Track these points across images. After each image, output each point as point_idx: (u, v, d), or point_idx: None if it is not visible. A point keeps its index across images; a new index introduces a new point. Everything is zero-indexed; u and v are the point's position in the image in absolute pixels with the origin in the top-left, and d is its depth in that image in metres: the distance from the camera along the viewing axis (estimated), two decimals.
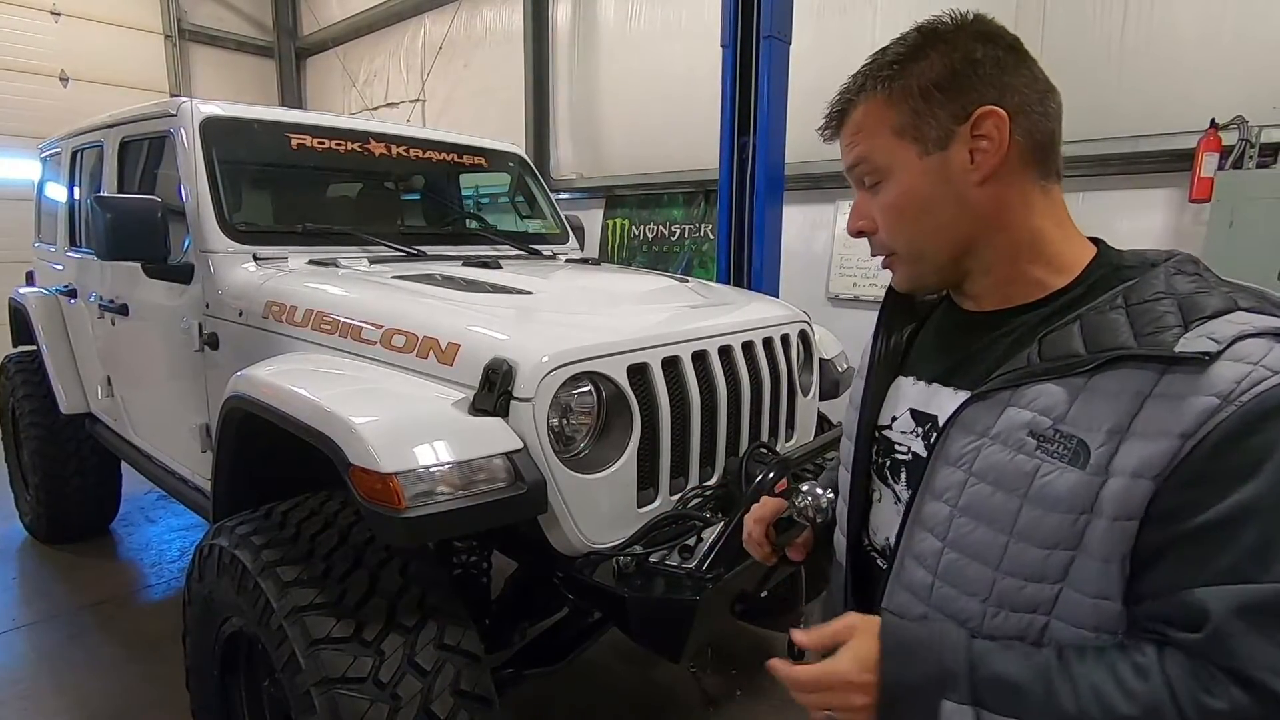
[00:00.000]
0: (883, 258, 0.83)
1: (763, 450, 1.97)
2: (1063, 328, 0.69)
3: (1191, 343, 0.61)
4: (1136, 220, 3.63)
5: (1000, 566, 0.69)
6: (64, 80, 7.51)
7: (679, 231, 5.66)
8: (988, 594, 0.70)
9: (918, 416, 0.82)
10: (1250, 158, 3.19)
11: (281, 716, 1.66)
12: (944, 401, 0.79)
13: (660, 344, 1.77)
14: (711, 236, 5.25)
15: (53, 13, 7.42)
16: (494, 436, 1.48)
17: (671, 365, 1.79)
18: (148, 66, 8.16)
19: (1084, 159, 3.68)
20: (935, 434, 0.77)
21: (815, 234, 4.74)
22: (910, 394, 0.84)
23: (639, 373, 1.71)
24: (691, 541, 1.63)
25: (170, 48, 8.33)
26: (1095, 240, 0.78)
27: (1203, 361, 0.60)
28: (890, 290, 0.90)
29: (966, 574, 0.72)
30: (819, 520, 0.89)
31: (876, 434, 0.88)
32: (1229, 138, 3.22)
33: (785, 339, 2.19)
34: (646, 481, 1.74)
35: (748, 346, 2.02)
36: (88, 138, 3.12)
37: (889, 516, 0.85)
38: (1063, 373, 0.67)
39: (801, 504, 0.89)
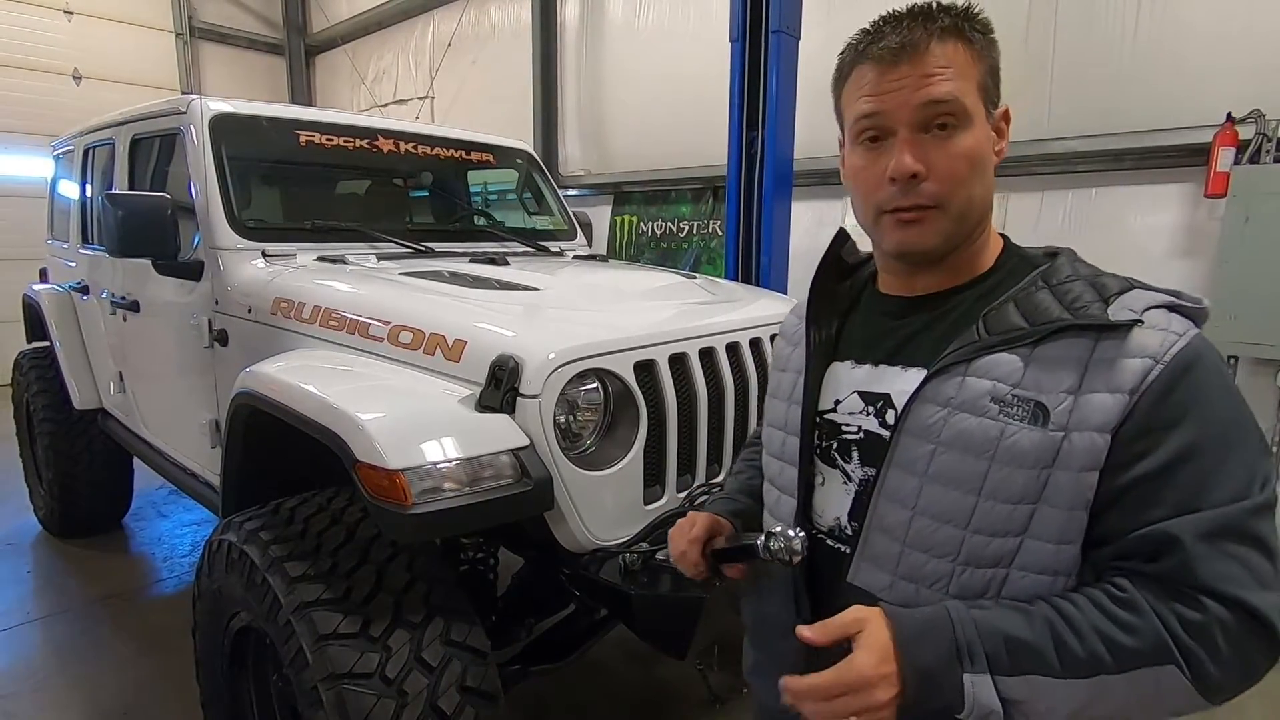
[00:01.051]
0: (908, 212, 0.78)
1: None
2: (1001, 306, 0.77)
3: (1118, 314, 0.71)
4: (1150, 216, 3.59)
5: (969, 526, 0.74)
6: (76, 79, 7.57)
7: (687, 228, 5.64)
8: (957, 553, 0.75)
9: (866, 397, 0.85)
10: (1267, 152, 3.14)
11: (289, 711, 1.67)
12: (894, 380, 0.83)
13: (667, 341, 1.76)
14: (720, 233, 5.23)
15: (65, 12, 7.48)
16: (500, 433, 1.48)
17: (678, 362, 1.78)
18: (159, 64, 8.22)
19: (1097, 154, 3.64)
20: (892, 410, 0.82)
21: (824, 230, 4.71)
22: (852, 377, 0.88)
23: (646, 369, 1.70)
24: None
25: (181, 46, 8.39)
26: (1002, 235, 0.88)
27: (1128, 328, 0.70)
28: (814, 287, 0.95)
29: (936, 538, 0.76)
30: (794, 563, 0.85)
31: (817, 419, 0.90)
32: (1245, 132, 3.17)
33: None
34: (653, 479, 1.74)
35: (755, 343, 2.01)
36: (99, 135, 3.14)
37: (837, 497, 0.88)
38: (1012, 344, 0.74)
39: (776, 547, 0.85)
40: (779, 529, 0.86)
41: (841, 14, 4.45)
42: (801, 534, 0.85)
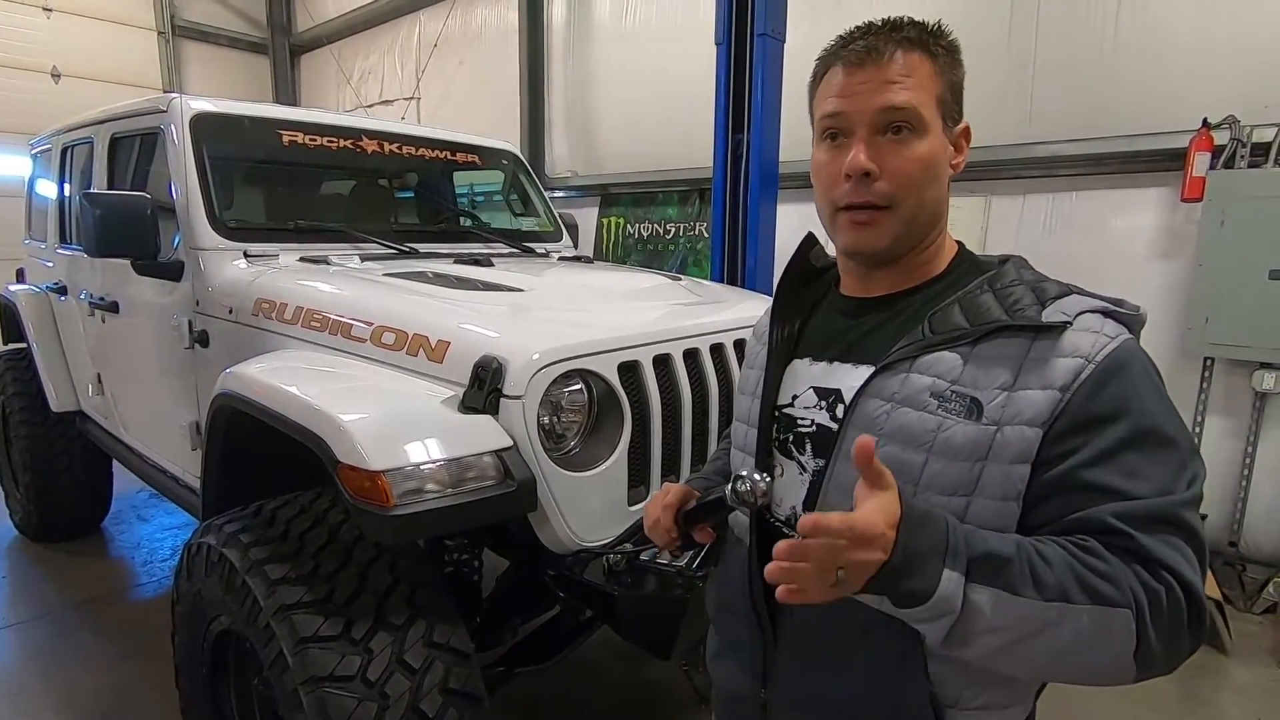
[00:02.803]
0: (859, 210, 0.82)
1: None
2: (946, 307, 0.81)
3: (1052, 316, 0.76)
4: (1130, 219, 3.64)
5: None
6: (55, 76, 7.47)
7: (674, 230, 5.66)
8: None
9: (820, 392, 0.89)
10: (1242, 157, 3.20)
11: (270, 715, 1.65)
12: (845, 376, 0.87)
13: (651, 342, 1.77)
14: (706, 235, 5.24)
15: (44, 9, 7.38)
16: (484, 434, 1.47)
17: (663, 363, 1.78)
18: (140, 63, 8.12)
19: (1079, 158, 3.69)
20: (841, 405, 0.86)
21: (811, 231, 4.74)
22: (809, 373, 0.92)
23: (630, 370, 1.71)
24: None
25: (163, 44, 8.29)
26: (957, 241, 0.92)
27: (1061, 329, 0.74)
28: (780, 287, 1.00)
29: None
30: (760, 504, 0.87)
31: (776, 413, 0.94)
32: (1221, 137, 3.23)
33: None
34: (637, 479, 1.74)
35: (740, 345, 2.02)
36: (78, 134, 3.10)
37: (794, 488, 0.92)
38: (953, 342, 0.78)
39: (743, 489, 0.87)
40: (744, 472, 0.88)
41: (826, 17, 4.48)
42: (766, 477, 0.87)
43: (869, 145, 0.80)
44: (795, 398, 0.92)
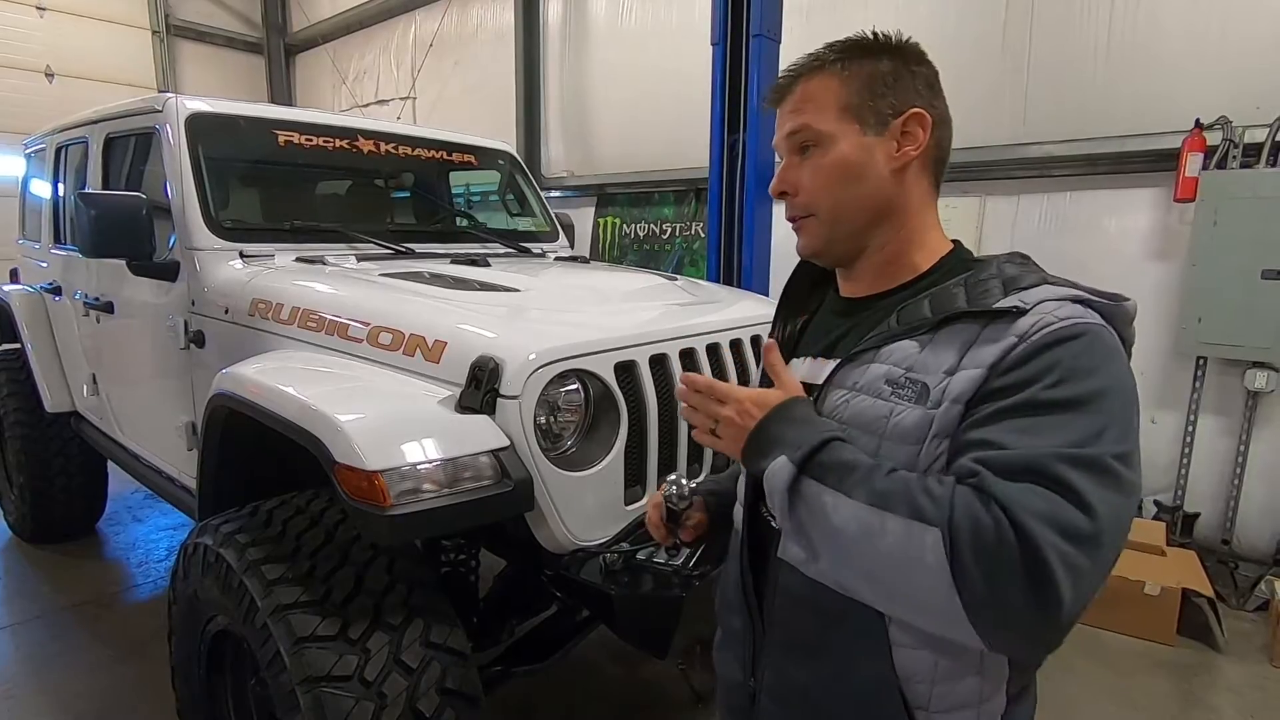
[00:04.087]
0: (795, 221, 0.93)
1: None
2: (917, 301, 0.84)
3: (1006, 302, 0.76)
4: (1123, 219, 3.66)
5: None
6: (49, 76, 7.44)
7: (670, 230, 5.66)
8: None
9: (808, 388, 0.91)
10: (1234, 158, 3.22)
11: (267, 715, 1.65)
12: (823, 371, 0.91)
13: (648, 342, 1.77)
14: (703, 235, 5.25)
15: (38, 8, 7.35)
16: (480, 434, 1.47)
17: (659, 363, 1.79)
18: (134, 62, 8.09)
19: (1073, 158, 3.70)
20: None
21: None
22: (801, 370, 0.96)
23: (626, 370, 1.71)
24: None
25: (157, 43, 8.27)
26: (954, 241, 0.93)
27: (1014, 315, 0.75)
28: (787, 288, 1.05)
29: None
30: (679, 507, 1.07)
31: None
32: (1213, 138, 3.25)
33: None
34: (634, 479, 1.75)
35: (736, 344, 2.03)
36: (73, 134, 3.09)
37: None
38: (913, 332, 0.81)
39: (668, 493, 1.07)
40: (672, 476, 1.06)
41: (821, 17, 4.50)
42: (687, 482, 1.07)
43: (786, 168, 0.92)
44: None
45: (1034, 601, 0.63)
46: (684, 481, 1.07)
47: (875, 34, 0.89)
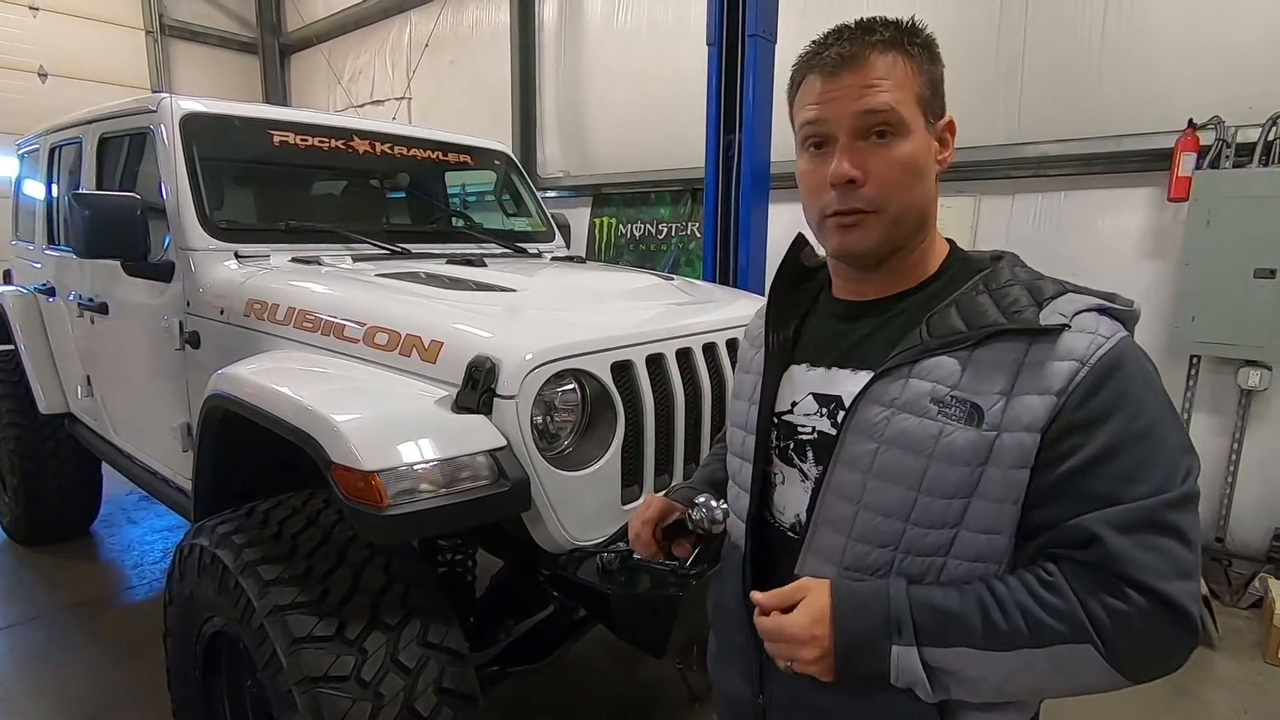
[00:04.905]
0: (849, 215, 0.81)
1: None
2: (943, 310, 0.81)
3: (1049, 318, 0.75)
4: (1119, 219, 3.67)
5: (909, 519, 0.79)
6: (43, 76, 7.41)
7: (666, 230, 5.67)
8: (897, 544, 0.80)
9: (820, 399, 0.88)
10: (1227, 157, 3.23)
11: (264, 716, 1.65)
12: (845, 382, 0.86)
13: (644, 341, 1.77)
14: (699, 235, 5.25)
15: (31, 7, 7.32)
16: (477, 434, 1.47)
17: (655, 363, 1.79)
18: (129, 62, 8.07)
19: (1067, 158, 3.72)
20: (842, 411, 0.85)
21: (801, 232, 4.75)
22: (808, 379, 0.91)
23: (623, 370, 1.71)
24: None
25: (152, 43, 8.24)
26: (948, 240, 0.91)
27: (1058, 332, 0.74)
28: (773, 291, 0.98)
29: (879, 530, 0.81)
30: (714, 531, 0.97)
31: (776, 420, 0.93)
32: (1206, 138, 3.26)
33: None
34: (631, 479, 1.75)
35: (732, 344, 2.03)
36: (66, 134, 3.08)
37: (796, 495, 0.91)
38: (951, 347, 0.77)
39: (698, 517, 0.96)
40: (701, 499, 0.95)
41: (817, 18, 4.49)
42: (722, 504, 0.94)
43: (851, 151, 0.79)
44: (795, 404, 0.91)
45: (1180, 638, 0.70)
46: (714, 504, 0.95)
47: (930, 36, 0.83)
